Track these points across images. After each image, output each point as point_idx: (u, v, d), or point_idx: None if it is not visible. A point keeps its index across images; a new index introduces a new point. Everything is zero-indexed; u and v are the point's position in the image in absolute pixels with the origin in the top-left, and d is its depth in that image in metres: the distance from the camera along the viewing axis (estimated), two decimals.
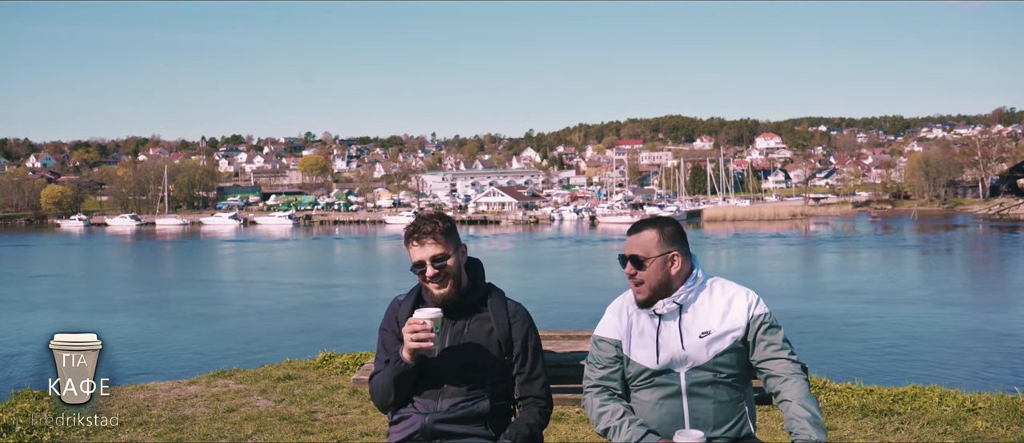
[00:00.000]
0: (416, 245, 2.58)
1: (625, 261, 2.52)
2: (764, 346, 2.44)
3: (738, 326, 2.43)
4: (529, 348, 2.63)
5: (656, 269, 2.47)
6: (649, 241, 2.49)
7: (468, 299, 2.62)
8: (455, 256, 2.57)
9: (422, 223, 2.59)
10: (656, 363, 2.45)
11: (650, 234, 2.50)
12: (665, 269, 2.47)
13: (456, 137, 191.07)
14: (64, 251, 54.41)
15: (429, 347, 2.44)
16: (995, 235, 54.16)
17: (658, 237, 2.49)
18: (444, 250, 2.55)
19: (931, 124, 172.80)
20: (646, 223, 2.55)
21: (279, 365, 7.06)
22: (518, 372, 2.63)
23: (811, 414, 2.28)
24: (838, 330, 16.95)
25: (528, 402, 2.63)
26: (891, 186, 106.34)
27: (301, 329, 18.24)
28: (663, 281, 2.47)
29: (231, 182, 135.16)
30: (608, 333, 2.57)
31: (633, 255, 2.49)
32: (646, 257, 2.47)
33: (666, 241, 2.49)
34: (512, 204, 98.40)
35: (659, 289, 2.47)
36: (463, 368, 2.55)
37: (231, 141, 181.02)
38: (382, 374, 2.58)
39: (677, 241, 2.50)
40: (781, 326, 2.49)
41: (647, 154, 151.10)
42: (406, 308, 2.66)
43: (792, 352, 2.45)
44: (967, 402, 5.34)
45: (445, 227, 2.58)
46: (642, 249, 2.48)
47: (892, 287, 25.87)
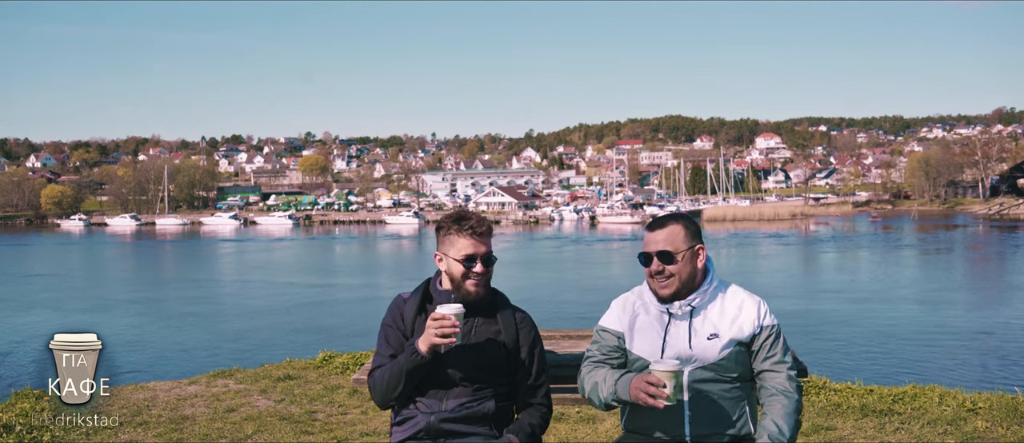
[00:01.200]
0: (472, 239, 2.55)
1: (650, 258, 2.49)
2: (765, 357, 2.46)
3: (746, 333, 2.45)
4: (535, 356, 2.66)
5: (686, 263, 2.47)
6: (676, 235, 2.49)
7: (482, 302, 2.63)
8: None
9: (480, 220, 2.59)
10: (660, 359, 2.45)
11: (676, 228, 2.50)
12: (693, 263, 2.49)
13: (456, 137, 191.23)
14: (64, 251, 54.39)
15: (453, 342, 2.43)
16: (995, 235, 54.16)
17: (684, 231, 2.49)
18: (492, 251, 2.59)
19: (931, 124, 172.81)
20: (669, 218, 2.55)
21: (279, 365, 7.05)
22: (523, 378, 2.64)
23: (778, 430, 2.33)
24: (838, 330, 16.95)
25: (531, 407, 2.66)
26: (891, 186, 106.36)
27: (301, 329, 18.24)
28: (691, 275, 2.48)
29: (231, 182, 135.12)
30: (611, 324, 2.57)
31: (662, 251, 2.47)
32: (675, 251, 2.47)
33: (691, 235, 2.50)
34: (512, 204, 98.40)
35: (687, 283, 2.48)
36: (471, 369, 2.55)
37: (231, 141, 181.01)
38: (388, 367, 2.55)
39: (699, 236, 2.52)
40: (786, 339, 2.51)
41: (647, 154, 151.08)
42: (413, 306, 2.63)
43: (792, 367, 2.47)
44: (967, 402, 5.34)
45: (492, 228, 2.61)
46: (670, 244, 2.47)
47: (892, 287, 25.87)
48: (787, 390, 2.42)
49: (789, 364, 2.46)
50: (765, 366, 2.46)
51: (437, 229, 2.65)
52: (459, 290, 2.57)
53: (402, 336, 2.60)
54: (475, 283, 2.55)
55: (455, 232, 2.56)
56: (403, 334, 2.60)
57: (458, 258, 2.54)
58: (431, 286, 2.67)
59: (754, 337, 2.46)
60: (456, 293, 2.57)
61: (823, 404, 5.44)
